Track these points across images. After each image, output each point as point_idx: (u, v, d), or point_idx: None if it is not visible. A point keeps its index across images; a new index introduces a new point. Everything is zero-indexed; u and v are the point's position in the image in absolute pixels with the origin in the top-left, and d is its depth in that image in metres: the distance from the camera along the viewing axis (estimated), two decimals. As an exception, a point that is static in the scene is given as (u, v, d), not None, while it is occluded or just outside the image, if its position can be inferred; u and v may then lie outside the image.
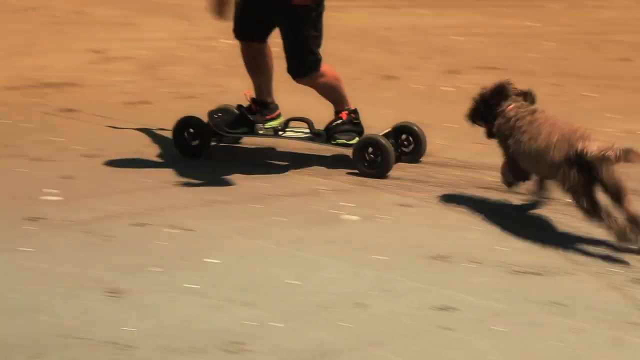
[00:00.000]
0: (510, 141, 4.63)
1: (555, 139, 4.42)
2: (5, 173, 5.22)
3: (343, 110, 5.32)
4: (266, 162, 5.46)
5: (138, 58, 7.19)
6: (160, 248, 4.44)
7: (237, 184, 5.18)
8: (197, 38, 7.88)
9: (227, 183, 5.20)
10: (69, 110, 6.19)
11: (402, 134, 5.36)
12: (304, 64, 5.12)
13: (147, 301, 3.98)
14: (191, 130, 5.37)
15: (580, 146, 4.33)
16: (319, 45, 5.13)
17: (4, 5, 8.23)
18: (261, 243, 4.50)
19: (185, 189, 5.11)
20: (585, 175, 4.33)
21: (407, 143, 5.35)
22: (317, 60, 5.16)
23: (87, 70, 6.85)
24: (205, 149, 5.42)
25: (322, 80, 5.21)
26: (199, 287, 4.08)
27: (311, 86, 5.25)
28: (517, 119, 4.62)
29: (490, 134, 4.80)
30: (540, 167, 4.54)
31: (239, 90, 6.66)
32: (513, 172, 4.73)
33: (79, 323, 3.80)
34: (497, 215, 4.81)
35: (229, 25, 8.30)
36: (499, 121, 4.69)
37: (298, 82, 5.21)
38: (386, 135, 5.26)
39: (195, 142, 5.37)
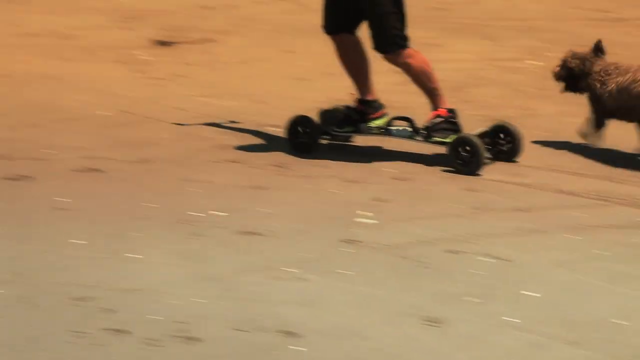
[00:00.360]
0: (604, 93, 5.60)
1: None
2: (320, 194, 5.34)
3: (441, 108, 5.58)
4: (576, 190, 5.30)
5: (445, 80, 7.17)
6: (476, 277, 4.38)
7: (550, 212, 5.05)
8: (503, 59, 7.79)
9: (539, 211, 5.08)
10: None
11: (499, 133, 5.62)
12: (388, 39, 5.41)
13: (467, 332, 3.93)
14: (302, 128, 5.70)
15: None
16: (401, 22, 5.43)
17: (315, 27, 8.46)
18: (582, 277, 4.35)
19: (498, 215, 5.03)
20: None
21: (504, 142, 5.61)
22: (401, 37, 5.45)
23: (397, 92, 6.91)
24: (315, 147, 5.73)
25: (411, 61, 5.49)
26: (519, 321, 3.99)
27: (401, 67, 5.54)
28: (608, 75, 5.62)
29: (570, 89, 5.86)
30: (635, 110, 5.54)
31: (549, 114, 6.52)
32: (596, 124, 5.70)
33: (401, 351, 3.80)
34: None
35: (535, 46, 8.09)
36: (590, 79, 5.67)
37: (386, 58, 5.51)
38: (482, 135, 5.57)
39: (305, 140, 5.71)
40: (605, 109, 5.64)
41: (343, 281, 4.36)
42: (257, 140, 6.11)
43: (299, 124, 5.73)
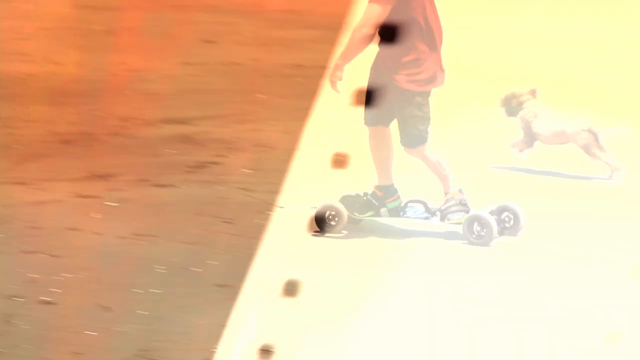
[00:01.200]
0: (534, 124, 7.18)
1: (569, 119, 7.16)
2: None
3: (452, 191, 6.27)
4: None
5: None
6: None
7: None
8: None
9: None
10: None
11: (504, 212, 6.36)
12: (413, 137, 6.27)
13: None
14: (332, 213, 6.37)
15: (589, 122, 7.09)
16: (424, 124, 6.27)
17: None
18: None
19: None
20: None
21: (507, 219, 6.34)
22: (422, 136, 6.28)
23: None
24: (342, 229, 6.34)
25: (428, 154, 6.28)
26: None
27: (421, 158, 6.33)
28: (536, 110, 7.20)
29: (510, 114, 7.30)
30: (557, 137, 7.16)
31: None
32: (525, 144, 7.23)
33: None
34: None
35: None
36: (522, 113, 7.21)
37: (408, 152, 6.33)
38: (491, 212, 6.27)
39: (333, 223, 6.33)
40: (535, 138, 7.27)
41: None
42: None
43: (328, 209, 6.34)
